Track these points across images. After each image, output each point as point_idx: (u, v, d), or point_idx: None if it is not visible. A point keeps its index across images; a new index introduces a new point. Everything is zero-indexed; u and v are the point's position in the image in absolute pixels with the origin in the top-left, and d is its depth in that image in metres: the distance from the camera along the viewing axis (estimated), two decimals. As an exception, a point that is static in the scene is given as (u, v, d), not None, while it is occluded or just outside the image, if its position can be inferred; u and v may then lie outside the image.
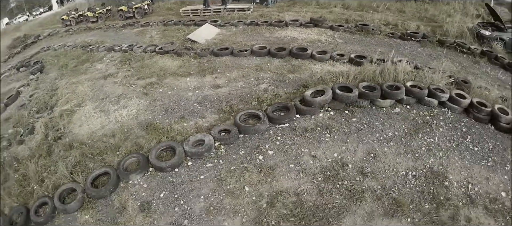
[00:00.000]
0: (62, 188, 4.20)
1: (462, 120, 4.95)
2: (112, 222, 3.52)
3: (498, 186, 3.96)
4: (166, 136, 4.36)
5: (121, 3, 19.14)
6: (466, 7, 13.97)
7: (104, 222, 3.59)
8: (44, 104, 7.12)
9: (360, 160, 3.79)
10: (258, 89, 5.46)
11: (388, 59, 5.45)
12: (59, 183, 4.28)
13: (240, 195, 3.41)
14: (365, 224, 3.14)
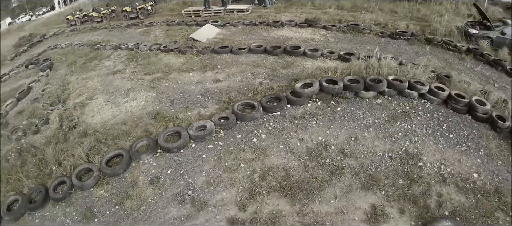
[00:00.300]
0: (78, 168, 4.76)
1: (440, 110, 5.48)
2: (125, 195, 4.08)
3: (470, 167, 4.48)
4: (172, 123, 4.93)
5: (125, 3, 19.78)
6: (458, 7, 14.46)
7: (117, 195, 4.15)
8: (57, 98, 7.68)
9: (342, 143, 4.34)
10: (254, 83, 6.02)
11: (372, 56, 6.00)
12: (76, 164, 4.84)
13: (237, 170, 3.97)
14: (343, 195, 3.69)
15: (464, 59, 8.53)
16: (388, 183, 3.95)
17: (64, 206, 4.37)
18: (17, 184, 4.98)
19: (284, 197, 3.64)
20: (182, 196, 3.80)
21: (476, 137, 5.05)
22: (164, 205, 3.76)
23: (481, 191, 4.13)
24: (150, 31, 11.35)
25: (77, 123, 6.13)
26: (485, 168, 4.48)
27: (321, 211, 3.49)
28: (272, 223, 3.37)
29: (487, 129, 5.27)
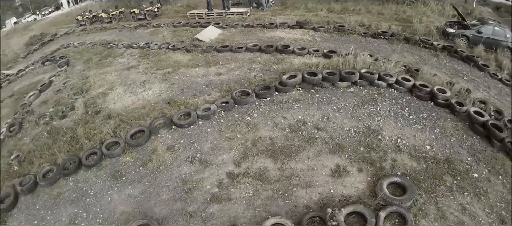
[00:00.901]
0: (107, 141, 6.00)
1: (405, 97, 6.69)
2: (147, 159, 5.33)
3: (424, 141, 5.67)
4: (183, 106, 6.20)
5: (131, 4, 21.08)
6: (443, 8, 15.62)
7: (141, 160, 5.40)
8: (80, 89, 8.94)
9: (317, 120, 5.58)
10: (249, 76, 7.29)
11: (349, 53, 7.23)
12: (105, 139, 6.07)
13: (234, 139, 5.22)
14: (314, 157, 4.91)
15: (438, 56, 9.71)
16: (351, 150, 5.16)
17: (95, 170, 5.60)
18: (50, 157, 6.19)
19: (269, 157, 4.88)
20: (192, 158, 5.05)
21: (434, 119, 6.24)
22: (178, 164, 5.01)
23: (432, 159, 5.30)
24: (158, 31, 12.65)
25: (101, 108, 7.39)
26: (438, 142, 5.67)
27: (296, 167, 4.72)
28: (260, 175, 4.61)
29: (447, 113, 6.46)
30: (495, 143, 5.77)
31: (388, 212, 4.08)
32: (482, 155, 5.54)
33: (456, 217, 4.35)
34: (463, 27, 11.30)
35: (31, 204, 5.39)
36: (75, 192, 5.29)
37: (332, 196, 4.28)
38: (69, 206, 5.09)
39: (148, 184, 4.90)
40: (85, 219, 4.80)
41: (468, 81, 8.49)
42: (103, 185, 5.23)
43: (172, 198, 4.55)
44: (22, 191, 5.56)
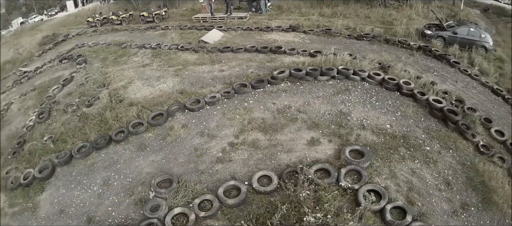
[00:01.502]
0: (132, 122, 7.62)
1: (374, 89, 8.29)
2: (166, 134, 6.95)
3: (385, 122, 7.25)
4: (193, 95, 7.85)
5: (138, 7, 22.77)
6: (428, 11, 17.15)
7: (161, 135, 7.02)
8: (101, 83, 10.57)
9: (299, 105, 7.21)
10: (247, 72, 8.95)
11: (330, 53, 8.85)
12: (130, 120, 7.69)
13: (234, 119, 6.85)
14: (295, 132, 6.52)
15: (414, 55, 11.27)
16: (324, 127, 6.76)
17: (123, 144, 7.21)
18: (82, 136, 7.80)
19: (260, 132, 6.51)
20: (201, 133, 6.68)
21: (397, 105, 7.83)
22: (191, 138, 6.63)
23: (390, 135, 6.87)
24: (166, 33, 14.33)
25: (123, 98, 9.02)
26: (398, 123, 7.25)
27: (281, 139, 6.34)
28: (253, 144, 6.22)
29: (410, 101, 8.04)
30: (450, 125, 7.33)
31: (348, 169, 5.66)
32: (436, 133, 7.10)
33: (405, 178, 5.91)
34: (440, 29, 12.87)
35: (68, 173, 6.99)
36: (107, 161, 6.91)
37: (306, 158, 5.88)
38: (102, 171, 6.69)
39: (167, 152, 6.53)
40: (117, 180, 6.40)
41: (437, 76, 10.02)
42: (131, 154, 6.85)
43: (186, 161, 6.18)
44: (59, 163, 7.15)
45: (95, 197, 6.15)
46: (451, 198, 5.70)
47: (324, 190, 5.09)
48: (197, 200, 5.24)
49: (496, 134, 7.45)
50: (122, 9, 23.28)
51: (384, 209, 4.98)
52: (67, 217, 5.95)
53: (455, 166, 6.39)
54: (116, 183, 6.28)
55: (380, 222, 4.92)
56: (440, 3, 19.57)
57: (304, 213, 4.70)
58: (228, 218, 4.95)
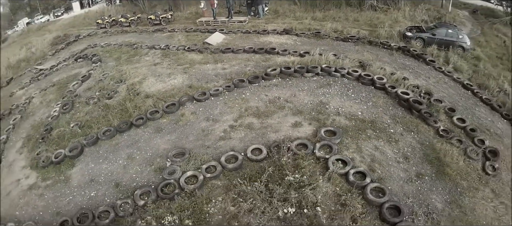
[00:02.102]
0: (149, 110, 9.38)
1: (352, 83, 10.00)
2: (178, 119, 8.70)
3: (357, 110, 8.95)
4: (200, 88, 9.62)
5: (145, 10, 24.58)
6: (415, 14, 18.79)
7: (174, 120, 8.78)
8: (118, 79, 12.32)
9: (287, 97, 8.97)
10: (245, 69, 10.71)
11: (315, 53, 10.59)
12: (147, 109, 9.45)
13: (233, 107, 8.62)
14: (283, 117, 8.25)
15: (393, 54, 12.95)
16: (306, 113, 8.49)
17: (142, 128, 8.97)
18: (106, 122, 9.55)
19: (255, 117, 8.27)
20: (207, 118, 8.46)
21: (370, 97, 9.54)
22: (199, 122, 8.40)
23: (360, 120, 8.56)
24: (173, 36, 16.13)
25: (139, 91, 10.79)
26: (368, 111, 8.95)
27: (271, 122, 8.09)
28: (248, 126, 7.96)
29: (382, 93, 9.74)
30: (414, 113, 9.00)
31: (322, 143, 7.38)
32: (401, 119, 8.79)
33: (369, 152, 7.60)
34: (420, 31, 14.54)
35: (95, 151, 8.72)
36: (129, 141, 8.66)
37: (290, 137, 7.60)
38: (126, 149, 8.44)
39: (179, 133, 8.29)
40: (139, 154, 8.14)
41: (411, 73, 11.68)
42: (150, 135, 8.61)
43: (195, 139, 7.94)
44: (87, 143, 8.88)
45: (121, 168, 7.88)
46: (408, 169, 7.36)
47: (301, 158, 6.82)
48: (204, 166, 6.99)
49: (457, 121, 9.03)
50: (129, 11, 25.14)
51: (348, 173, 6.67)
52: (97, 184, 7.65)
53: (414, 145, 8.06)
54: (138, 157, 8.02)
55: (344, 182, 6.62)
56: (427, 6, 21.24)
57: (286, 174, 6.43)
58: (228, 178, 6.69)
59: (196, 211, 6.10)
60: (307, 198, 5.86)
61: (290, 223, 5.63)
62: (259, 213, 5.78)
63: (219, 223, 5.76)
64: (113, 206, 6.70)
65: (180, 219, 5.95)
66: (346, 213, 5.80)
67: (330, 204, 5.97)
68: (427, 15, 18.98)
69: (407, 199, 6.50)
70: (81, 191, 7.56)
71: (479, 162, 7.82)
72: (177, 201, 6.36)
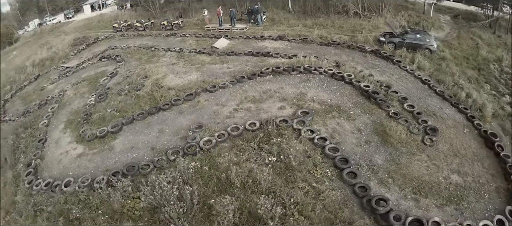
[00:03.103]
0: (173, 98, 12.95)
1: (327, 79, 13.53)
2: (195, 105, 12.29)
3: (328, 98, 12.49)
4: (211, 83, 13.20)
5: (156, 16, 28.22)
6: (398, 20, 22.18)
7: (191, 106, 12.36)
8: (143, 75, 15.90)
9: (276, 89, 12.59)
10: (245, 69, 14.34)
11: (302, 56, 14.12)
12: (171, 98, 13.00)
13: (236, 96, 12.26)
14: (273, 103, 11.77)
15: (366, 56, 16.42)
16: (289, 100, 12.05)
17: (168, 111, 12.55)
18: (138, 108, 13.12)
19: (252, 103, 11.87)
20: (217, 103, 12.06)
21: (339, 89, 13.05)
22: (211, 106, 12.02)
23: (329, 105, 12.09)
24: (185, 40, 19.75)
25: (163, 85, 14.35)
26: (336, 99, 12.46)
27: (263, 106, 11.68)
28: (247, 109, 11.49)
29: (350, 87, 13.21)
30: (372, 100, 12.44)
31: (298, 119, 10.89)
32: (361, 105, 12.25)
33: (332, 126, 11.08)
34: (392, 36, 17.98)
35: (132, 128, 12.27)
36: (159, 120, 12.21)
37: (276, 115, 11.12)
38: (157, 125, 11.98)
39: (197, 114, 11.84)
40: (167, 129, 11.68)
41: (379, 71, 15.12)
42: (174, 116, 12.15)
43: (209, 117, 11.49)
44: (125, 122, 12.45)
45: (154, 138, 11.39)
46: (359, 137, 10.80)
47: (283, 129, 10.31)
48: (216, 134, 10.53)
49: (407, 107, 12.36)
50: (141, 16, 28.82)
51: (313, 138, 10.14)
52: (136, 149, 11.14)
53: (367, 122, 11.50)
54: (167, 130, 11.55)
55: (311, 144, 10.04)
56: (410, 12, 24.62)
57: (271, 138, 9.93)
58: (232, 141, 10.23)
59: (210, 161, 9.62)
60: (285, 151, 9.33)
61: (273, 166, 9.09)
62: (253, 161, 9.26)
63: (226, 167, 9.23)
64: (152, 161, 10.19)
65: (200, 166, 9.44)
66: (310, 161, 9.27)
67: (299, 156, 9.42)
68: (406, 22, 22.45)
69: (355, 156, 9.93)
70: (124, 155, 11.04)
71: (420, 136, 11.15)
72: (198, 155, 9.86)
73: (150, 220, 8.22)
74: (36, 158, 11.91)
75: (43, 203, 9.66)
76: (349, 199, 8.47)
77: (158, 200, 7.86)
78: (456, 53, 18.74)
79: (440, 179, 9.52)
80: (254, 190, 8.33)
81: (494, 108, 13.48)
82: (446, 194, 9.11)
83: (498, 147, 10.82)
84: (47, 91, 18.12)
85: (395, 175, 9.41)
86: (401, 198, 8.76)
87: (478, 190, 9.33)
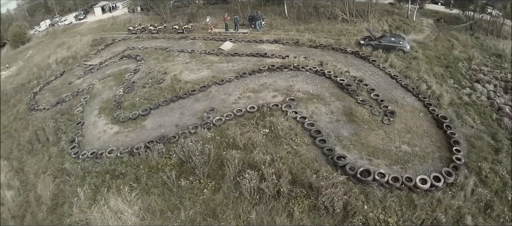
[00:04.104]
0: (189, 90, 17.19)
1: (312, 75, 17.79)
2: (208, 94, 16.54)
3: (310, 89, 16.77)
4: (219, 78, 17.46)
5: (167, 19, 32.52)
6: (379, 25, 26.35)
7: (205, 95, 16.62)
8: (163, 71, 20.17)
9: (271, 82, 16.85)
10: (247, 67, 18.65)
11: (293, 56, 18.34)
12: (188, 90, 17.25)
13: (240, 88, 16.61)
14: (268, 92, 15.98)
15: (347, 57, 20.60)
16: (280, 91, 16.30)
17: (186, 99, 16.86)
18: (162, 97, 17.41)
19: (251, 93, 16.17)
20: (224, 93, 16.39)
21: (320, 82, 17.33)
22: (220, 95, 16.33)
23: (311, 94, 16.34)
24: (195, 43, 24.03)
25: (180, 79, 18.61)
26: (317, 89, 16.70)
27: (261, 95, 15.96)
28: (248, 97, 15.71)
29: (328, 80, 17.46)
30: (345, 90, 16.60)
31: (286, 104, 15.11)
32: (336, 94, 16.45)
33: (312, 109, 15.26)
34: (371, 39, 22.10)
35: (158, 112, 16.56)
36: (179, 106, 16.50)
37: (270, 102, 15.33)
38: (178, 110, 16.27)
39: (210, 101, 16.13)
40: (186, 112, 15.95)
41: (355, 68, 19.27)
42: (192, 103, 16.42)
43: (218, 103, 15.78)
44: (153, 107, 16.74)
45: (177, 118, 15.61)
46: (331, 117, 14.96)
47: (274, 111, 14.51)
48: (225, 114, 14.72)
49: (374, 96, 16.53)
50: (153, 20, 33.16)
51: (296, 117, 14.31)
52: (163, 127, 15.33)
53: (339, 107, 15.66)
54: (187, 113, 15.78)
55: (294, 121, 14.18)
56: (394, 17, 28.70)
57: (266, 117, 14.09)
58: (237, 120, 14.46)
59: (221, 133, 13.82)
60: (275, 125, 13.50)
61: (266, 135, 13.23)
62: (252, 132, 13.42)
63: (233, 136, 13.36)
64: (177, 134, 14.36)
65: (214, 136, 13.60)
66: (292, 132, 13.42)
67: (285, 129, 13.58)
68: (388, 26, 26.57)
69: (327, 129, 14.07)
70: (154, 131, 15.25)
71: (380, 117, 15.27)
72: (212, 129, 14.04)
73: (179, 171, 12.37)
74: (78, 136, 16.05)
75: (90, 167, 13.51)
76: (319, 157, 12.60)
77: (185, 154, 12.00)
78: (429, 53, 22.70)
79: (392, 148, 13.53)
80: (252, 150, 12.48)
81: (452, 98, 17.33)
82: (395, 157, 13.06)
83: (446, 126, 14.63)
84: (75, 85, 22.21)
85: (356, 143, 13.50)
86: (358, 158, 12.84)
87: (423, 157, 13.13)
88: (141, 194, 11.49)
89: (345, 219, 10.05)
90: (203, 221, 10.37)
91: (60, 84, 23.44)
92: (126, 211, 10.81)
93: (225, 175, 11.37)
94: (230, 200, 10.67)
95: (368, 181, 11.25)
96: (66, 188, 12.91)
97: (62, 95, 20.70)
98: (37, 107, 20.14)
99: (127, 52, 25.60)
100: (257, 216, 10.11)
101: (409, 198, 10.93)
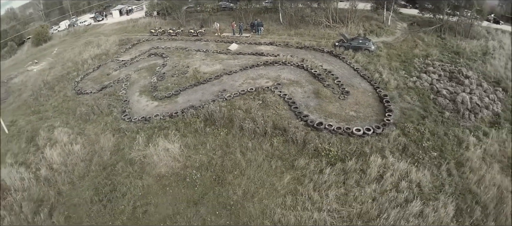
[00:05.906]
0: (207, 78, 26.70)
1: (295, 68, 27.29)
2: (221, 81, 25.98)
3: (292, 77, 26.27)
4: (229, 70, 26.86)
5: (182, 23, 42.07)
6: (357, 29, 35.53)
7: (219, 81, 26.08)
8: (186, 66, 29.78)
9: (265, 73, 26.29)
10: (248, 63, 28.16)
11: (282, 55, 27.73)
12: (207, 77, 26.75)
13: (243, 77, 26.20)
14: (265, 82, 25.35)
15: (323, 55, 29.94)
16: (272, 79, 25.76)
17: (205, 84, 26.49)
18: (188, 83, 26.93)
19: (251, 80, 25.70)
20: (232, 80, 26.01)
21: (300, 73, 27.02)
22: (229, 82, 25.92)
23: (292, 81, 25.81)
24: (208, 44, 33.56)
25: (200, 71, 28.10)
26: (297, 77, 26.31)
27: (258, 81, 25.45)
28: (248, 83, 25.06)
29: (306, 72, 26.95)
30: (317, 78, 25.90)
31: (274, 86, 24.38)
32: (310, 81, 25.97)
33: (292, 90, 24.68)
34: (343, 41, 31.30)
35: (186, 92, 26.29)
36: (201, 89, 26.17)
37: (264, 85, 24.67)
38: (200, 91, 25.94)
39: (222, 85, 25.81)
40: (206, 92, 25.53)
41: (328, 63, 28.70)
42: (210, 86, 26.14)
43: (228, 87, 25.31)
44: (182, 89, 26.47)
45: (200, 95, 25.18)
46: (304, 95, 24.37)
47: (266, 90, 23.83)
48: (233, 93, 24.14)
49: (337, 82, 25.78)
50: (170, 24, 42.78)
51: (280, 94, 23.63)
52: (191, 101, 24.83)
53: (311, 89, 25.11)
54: (206, 93, 25.31)
55: (280, 97, 23.40)
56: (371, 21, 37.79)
57: (260, 94, 23.40)
58: (241, 96, 23.88)
59: (231, 104, 23.19)
60: (266, 99, 22.85)
61: (260, 104, 22.46)
62: (251, 103, 22.70)
63: (239, 106, 22.59)
64: (202, 104, 23.70)
65: (226, 106, 22.87)
66: (277, 103, 22.69)
67: (273, 101, 22.88)
68: (363, 30, 35.66)
69: (300, 102, 23.37)
70: (184, 104, 24.83)
71: (338, 95, 24.51)
72: (224, 102, 23.35)
73: (205, 123, 21.57)
74: (127, 108, 25.39)
75: (142, 126, 23.03)
76: (292, 116, 21.83)
77: (209, 113, 21.33)
78: (392, 52, 31.60)
79: (342, 113, 22.80)
80: (250, 111, 21.71)
81: (399, 84, 26.25)
82: (343, 118, 22.32)
83: (386, 101, 23.81)
84: (113, 76, 31.69)
85: (318, 110, 22.81)
86: (317, 118, 22.06)
87: (364, 119, 22.38)
88: (180, 137, 20.81)
89: (304, 147, 19.24)
90: (219, 149, 19.62)
91: (99, 75, 32.79)
92: (172, 147, 20.13)
93: (234, 125, 20.67)
94: (236, 137, 19.97)
95: (321, 128, 20.47)
96: (124, 140, 22.10)
97: (104, 83, 29.94)
98: (84, 92, 29.07)
99: (153, 51, 35.14)
100: (251, 145, 19.37)
101: (347, 140, 20.09)
